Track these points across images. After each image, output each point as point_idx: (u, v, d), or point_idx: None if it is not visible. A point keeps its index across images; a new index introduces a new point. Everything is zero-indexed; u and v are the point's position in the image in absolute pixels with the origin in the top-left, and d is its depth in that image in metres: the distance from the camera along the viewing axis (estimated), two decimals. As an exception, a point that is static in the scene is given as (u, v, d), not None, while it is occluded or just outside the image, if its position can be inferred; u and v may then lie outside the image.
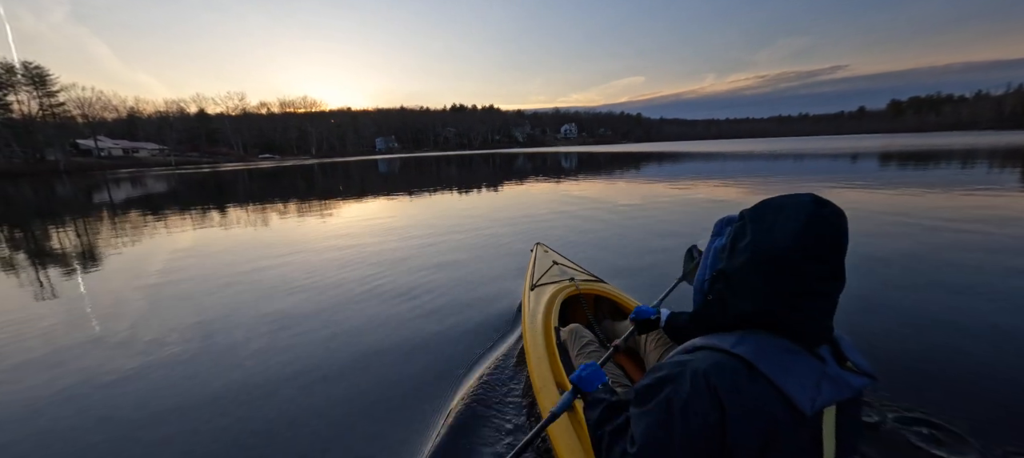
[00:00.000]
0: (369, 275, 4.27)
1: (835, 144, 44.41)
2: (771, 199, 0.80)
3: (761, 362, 0.72)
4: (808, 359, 0.73)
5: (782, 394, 0.70)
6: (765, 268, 0.75)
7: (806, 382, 0.70)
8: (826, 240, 0.72)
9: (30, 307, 3.79)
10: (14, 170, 42.88)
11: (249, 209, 10.09)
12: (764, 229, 0.77)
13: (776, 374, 0.71)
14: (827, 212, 0.73)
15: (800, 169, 15.39)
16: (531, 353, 1.92)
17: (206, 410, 2.15)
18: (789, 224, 0.74)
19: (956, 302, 3.11)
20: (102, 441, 1.96)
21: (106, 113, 77.34)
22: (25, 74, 53.76)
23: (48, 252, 6.17)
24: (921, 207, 6.86)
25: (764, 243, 0.76)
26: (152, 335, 3.06)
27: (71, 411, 2.19)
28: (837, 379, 0.72)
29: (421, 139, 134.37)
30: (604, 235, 5.76)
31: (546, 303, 2.23)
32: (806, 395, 0.69)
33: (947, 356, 2.38)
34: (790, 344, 0.74)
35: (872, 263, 4.02)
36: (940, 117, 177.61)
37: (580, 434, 1.34)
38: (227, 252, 5.66)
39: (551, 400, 1.57)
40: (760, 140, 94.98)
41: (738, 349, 0.75)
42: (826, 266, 0.72)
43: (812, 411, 0.69)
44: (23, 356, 2.82)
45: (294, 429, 1.97)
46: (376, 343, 2.78)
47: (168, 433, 2.00)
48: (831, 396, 0.71)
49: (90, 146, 61.80)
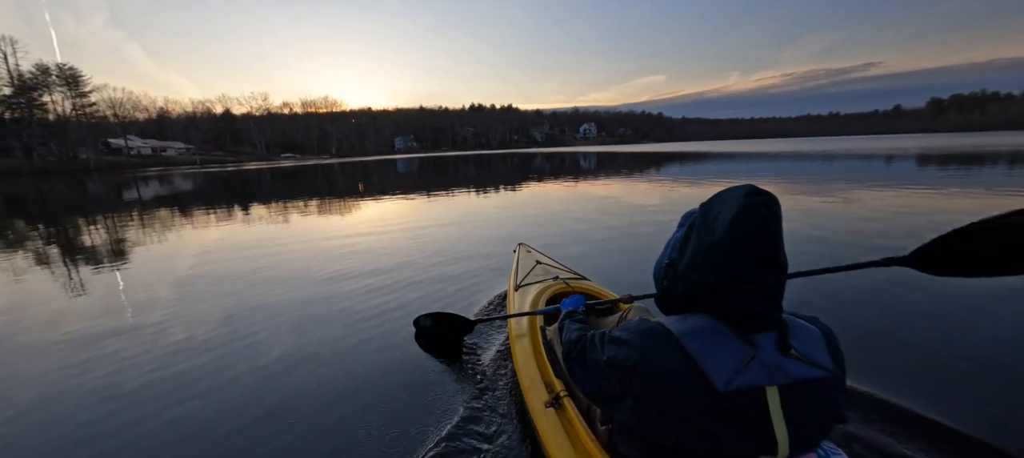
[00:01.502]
0: (372, 270, 4.31)
1: (873, 144, 42.06)
2: (720, 192, 0.84)
3: (687, 340, 0.80)
4: (737, 343, 0.78)
5: (699, 370, 0.77)
6: (705, 255, 0.81)
7: (726, 363, 0.76)
8: (753, 228, 0.76)
9: (60, 299, 3.92)
10: (48, 168, 44.42)
11: (272, 206, 10.32)
12: (710, 220, 0.82)
13: (697, 351, 0.78)
14: (756, 201, 0.77)
15: (836, 171, 13.83)
16: (518, 353, 1.94)
17: (235, 401, 2.18)
18: (724, 213, 0.79)
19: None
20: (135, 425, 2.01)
21: (137, 113, 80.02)
22: (59, 75, 55.83)
23: (80, 247, 6.33)
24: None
25: (705, 233, 0.82)
26: (182, 324, 3.16)
27: (101, 399, 2.24)
28: (772, 365, 0.76)
29: (440, 139, 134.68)
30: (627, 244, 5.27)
31: (531, 303, 2.27)
32: (722, 375, 0.75)
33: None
34: (723, 327, 0.80)
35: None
36: (985, 115, 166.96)
37: (568, 430, 1.39)
38: (254, 246, 5.84)
39: (540, 399, 1.59)
40: (789, 140, 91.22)
41: (673, 327, 0.83)
42: (755, 251, 0.76)
43: (725, 389, 0.74)
44: (46, 339, 2.98)
45: (276, 420, 2.00)
46: (385, 338, 2.81)
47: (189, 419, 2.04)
48: (759, 379, 0.75)
49: (120, 145, 63.85)
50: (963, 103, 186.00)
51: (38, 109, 51.90)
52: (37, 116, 50.99)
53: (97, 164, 49.24)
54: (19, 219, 9.72)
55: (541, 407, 1.55)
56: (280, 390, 2.24)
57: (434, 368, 2.36)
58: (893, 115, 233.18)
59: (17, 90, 50.35)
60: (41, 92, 53.19)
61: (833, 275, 1.50)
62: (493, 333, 2.75)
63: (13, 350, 2.86)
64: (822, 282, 3.27)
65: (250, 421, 2.00)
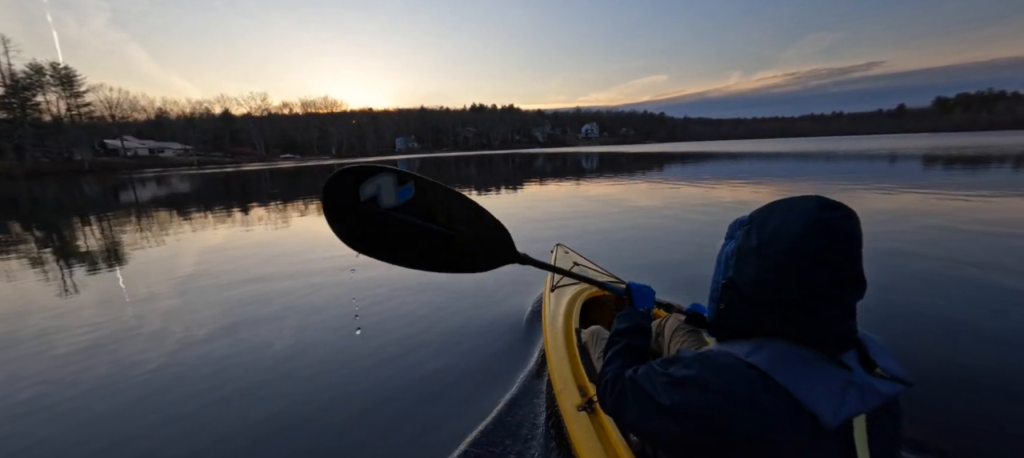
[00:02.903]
0: (381, 276, 4.05)
1: (879, 144, 41.14)
2: (779, 201, 0.76)
3: (778, 373, 0.68)
4: (830, 367, 0.68)
5: (801, 406, 0.66)
6: (769, 274, 0.71)
7: (828, 392, 0.66)
8: (830, 245, 0.67)
9: (51, 303, 3.79)
10: (42, 169, 43.63)
11: (270, 208, 10.01)
12: (769, 233, 0.73)
13: (794, 385, 0.67)
14: (830, 216, 0.68)
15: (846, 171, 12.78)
16: (552, 355, 1.93)
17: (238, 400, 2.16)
18: (791, 228, 0.70)
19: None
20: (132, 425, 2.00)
21: (135, 114, 79.18)
22: (54, 75, 54.99)
23: (63, 251, 6.17)
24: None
25: (768, 249, 0.72)
26: (179, 326, 3.09)
27: (107, 396, 2.23)
28: (865, 387, 0.67)
29: (441, 139, 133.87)
30: (630, 236, 5.59)
31: (567, 304, 2.25)
32: (829, 407, 0.65)
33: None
34: (809, 352, 0.70)
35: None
36: (993, 115, 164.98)
37: (600, 435, 1.36)
38: (254, 244, 5.85)
39: (572, 402, 1.56)
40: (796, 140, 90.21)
41: (752, 358, 0.71)
42: (830, 271, 0.67)
43: (835, 423, 0.64)
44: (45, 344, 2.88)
45: (310, 423, 1.97)
46: (400, 340, 2.75)
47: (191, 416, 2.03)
48: (858, 406, 0.66)
49: (117, 146, 62.95)
50: (970, 102, 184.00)
51: (32, 109, 51.01)
52: (30, 116, 50.11)
53: (92, 165, 48.38)
54: (10, 221, 9.46)
55: (573, 410, 1.51)
56: (314, 388, 2.23)
57: (464, 367, 2.38)
58: (898, 114, 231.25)
59: (9, 90, 49.52)
60: (35, 92, 52.32)
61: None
62: (527, 331, 2.79)
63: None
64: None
65: (289, 412, 2.02)
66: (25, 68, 51.93)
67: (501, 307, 3.17)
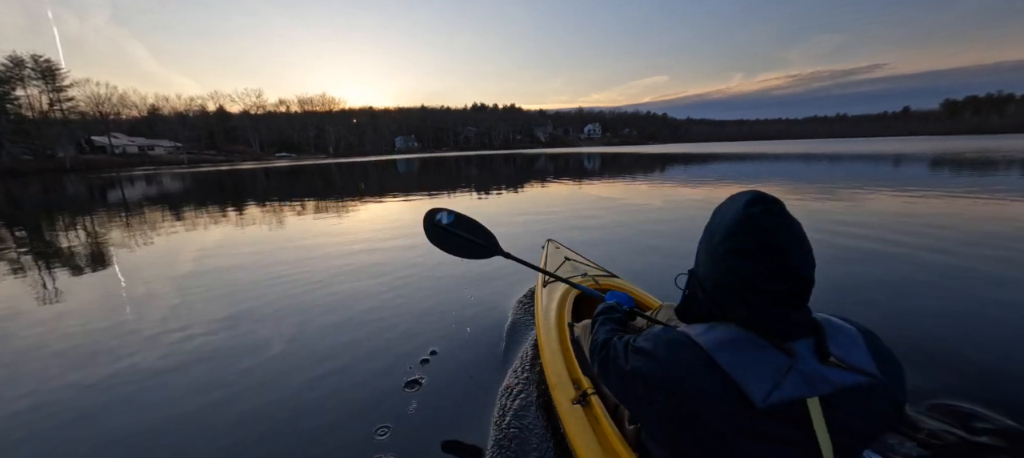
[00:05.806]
0: (377, 270, 4.21)
1: (891, 146, 39.65)
2: (732, 195, 0.80)
3: (718, 352, 0.73)
4: (772, 353, 0.71)
5: (735, 385, 0.70)
6: (715, 266, 0.77)
7: (762, 375, 0.70)
8: (754, 239, 0.70)
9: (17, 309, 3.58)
10: (20, 168, 41.53)
11: (266, 207, 9.83)
12: (713, 227, 0.79)
13: (731, 365, 0.71)
14: (754, 211, 0.71)
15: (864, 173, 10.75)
16: (545, 349, 1.94)
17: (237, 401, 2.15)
18: (726, 222, 0.75)
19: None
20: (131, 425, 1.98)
21: (126, 110, 76.89)
22: (35, 68, 52.71)
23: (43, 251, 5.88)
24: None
25: (711, 241, 0.78)
26: (174, 328, 3.06)
27: (107, 399, 2.20)
28: (811, 374, 0.70)
29: (442, 138, 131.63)
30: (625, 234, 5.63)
31: (559, 299, 2.24)
32: (760, 388, 0.69)
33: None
34: (755, 337, 0.73)
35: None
36: (1004, 118, 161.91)
37: (594, 428, 1.38)
38: (255, 244, 5.77)
39: (566, 396, 1.59)
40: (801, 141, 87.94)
41: (701, 339, 0.76)
42: (751, 262, 0.71)
43: (764, 404, 0.68)
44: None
45: (307, 420, 1.98)
46: (391, 338, 2.77)
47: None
48: (799, 390, 0.69)
49: (105, 143, 60.82)
50: (979, 105, 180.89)
51: (10, 103, 48.79)
52: (11, 111, 47.94)
53: (74, 163, 46.23)
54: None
55: (568, 404, 1.54)
56: (309, 387, 2.24)
57: (461, 365, 2.37)
58: (904, 117, 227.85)
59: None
60: (14, 85, 50.09)
61: (849, 270, 1.65)
62: (520, 326, 2.77)
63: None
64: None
65: (288, 407, 2.06)
66: (4, 60, 49.71)
67: (493, 303, 3.20)
